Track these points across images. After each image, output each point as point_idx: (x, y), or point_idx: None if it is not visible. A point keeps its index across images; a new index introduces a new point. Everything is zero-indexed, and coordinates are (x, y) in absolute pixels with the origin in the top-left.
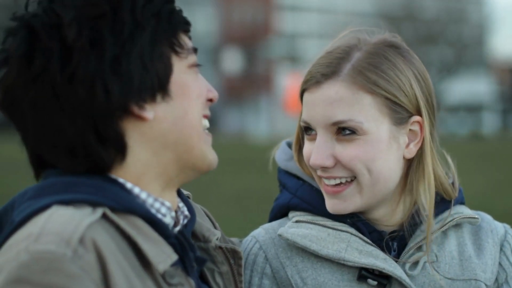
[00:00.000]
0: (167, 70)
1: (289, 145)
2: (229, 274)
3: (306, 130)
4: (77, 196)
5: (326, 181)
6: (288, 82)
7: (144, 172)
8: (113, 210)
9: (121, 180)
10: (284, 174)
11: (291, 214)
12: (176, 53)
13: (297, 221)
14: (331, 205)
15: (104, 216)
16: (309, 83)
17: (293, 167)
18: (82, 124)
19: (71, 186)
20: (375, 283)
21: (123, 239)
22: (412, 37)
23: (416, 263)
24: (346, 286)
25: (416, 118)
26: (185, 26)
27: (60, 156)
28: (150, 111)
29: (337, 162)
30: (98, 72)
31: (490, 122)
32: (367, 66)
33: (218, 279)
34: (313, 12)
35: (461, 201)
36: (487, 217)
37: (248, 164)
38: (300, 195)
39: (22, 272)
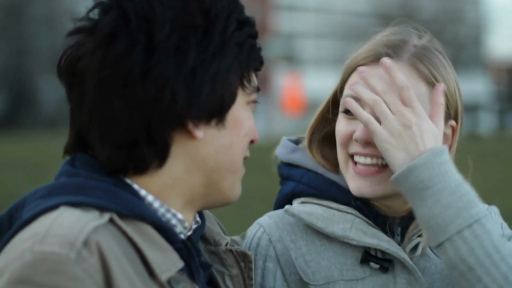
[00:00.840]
0: (231, 100)
1: (291, 140)
2: (239, 277)
3: (348, 110)
4: (86, 199)
5: (362, 159)
6: (286, 82)
7: (170, 185)
8: (122, 215)
9: (135, 186)
10: (286, 167)
11: (295, 201)
12: (243, 87)
13: (303, 202)
14: (358, 186)
15: (111, 221)
16: (368, 60)
17: (296, 158)
18: (139, 120)
19: (81, 188)
20: (377, 266)
21: (130, 245)
22: None
23: (415, 248)
24: (349, 270)
25: (452, 122)
26: (259, 65)
27: (105, 143)
28: (202, 131)
29: None
30: (173, 77)
31: (487, 122)
32: (425, 58)
33: (228, 282)
34: (310, 12)
35: None
36: (494, 209)
37: (246, 163)
38: (306, 181)
39: (25, 273)
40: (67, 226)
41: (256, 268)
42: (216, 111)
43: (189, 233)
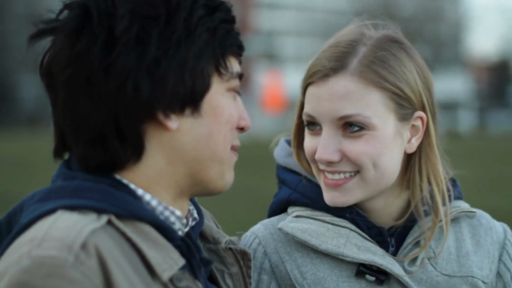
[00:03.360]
0: (204, 87)
1: (288, 142)
2: (239, 275)
3: (309, 124)
4: (83, 202)
5: (330, 176)
6: (266, 80)
7: (156, 179)
8: (120, 216)
9: (132, 186)
10: (283, 170)
11: (290, 209)
12: (219, 73)
13: (297, 216)
14: (330, 197)
15: (110, 223)
16: (316, 77)
17: (292, 163)
18: (105, 116)
19: (78, 191)
20: (373, 278)
21: (129, 246)
22: None
23: (414, 259)
24: (344, 282)
25: (420, 113)
26: (237, 49)
27: (79, 142)
28: (175, 122)
29: (343, 157)
30: (134, 69)
31: (467, 121)
32: (375, 61)
33: (228, 280)
34: (291, 9)
35: (458, 196)
36: (486, 215)
37: None
38: (300, 190)
39: (24, 277)
40: (64, 229)
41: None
42: (188, 100)
43: (186, 229)
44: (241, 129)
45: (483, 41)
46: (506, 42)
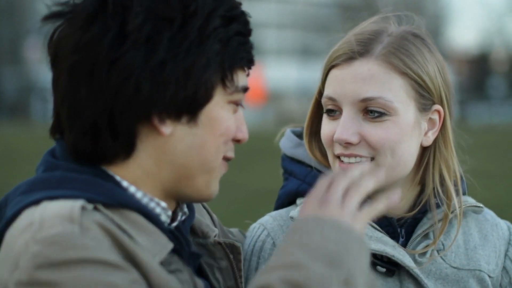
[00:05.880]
0: (205, 98)
1: (294, 133)
2: (228, 269)
3: (329, 111)
4: (68, 192)
5: (346, 159)
6: None
7: (142, 179)
8: (106, 205)
9: (117, 177)
10: (290, 162)
11: (299, 201)
12: (224, 86)
13: None
14: None
15: (96, 210)
16: (340, 59)
17: (300, 153)
18: (102, 108)
19: (63, 182)
20: (383, 270)
21: (119, 231)
22: None
23: (424, 251)
24: None
25: (438, 107)
26: (247, 63)
27: (72, 128)
28: (169, 127)
29: (362, 141)
30: (139, 68)
31: None
32: (399, 48)
33: (218, 275)
34: (272, 2)
35: (464, 191)
36: (491, 212)
37: None
38: (310, 181)
39: (38, 260)
40: (57, 208)
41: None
42: (187, 108)
43: (175, 223)
44: (237, 141)
45: (463, 34)
46: (486, 35)
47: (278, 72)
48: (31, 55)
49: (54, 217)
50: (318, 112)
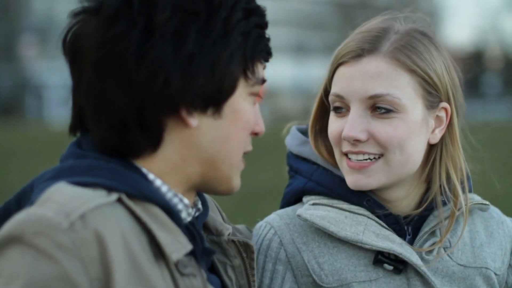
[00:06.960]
0: (230, 89)
1: (300, 130)
2: (241, 268)
3: (336, 108)
4: (94, 179)
5: (354, 157)
6: None
7: (168, 172)
8: (130, 196)
9: (144, 170)
10: (296, 159)
11: (305, 198)
12: (246, 77)
13: (314, 204)
14: (353, 180)
15: (120, 201)
16: (348, 57)
17: (306, 151)
18: (131, 103)
19: (89, 169)
20: (391, 267)
21: (138, 225)
22: None
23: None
24: (362, 271)
25: (445, 104)
26: (266, 55)
27: (98, 123)
28: (196, 119)
29: (370, 138)
30: (168, 62)
31: None
32: (406, 46)
33: (230, 273)
34: None
35: (470, 189)
36: (497, 210)
37: None
38: (316, 179)
39: (15, 231)
40: (69, 196)
41: (265, 270)
42: (213, 100)
43: (189, 218)
44: (255, 134)
45: (458, 32)
46: (481, 33)
47: (272, 69)
48: (26, 52)
49: (58, 202)
50: (323, 109)
